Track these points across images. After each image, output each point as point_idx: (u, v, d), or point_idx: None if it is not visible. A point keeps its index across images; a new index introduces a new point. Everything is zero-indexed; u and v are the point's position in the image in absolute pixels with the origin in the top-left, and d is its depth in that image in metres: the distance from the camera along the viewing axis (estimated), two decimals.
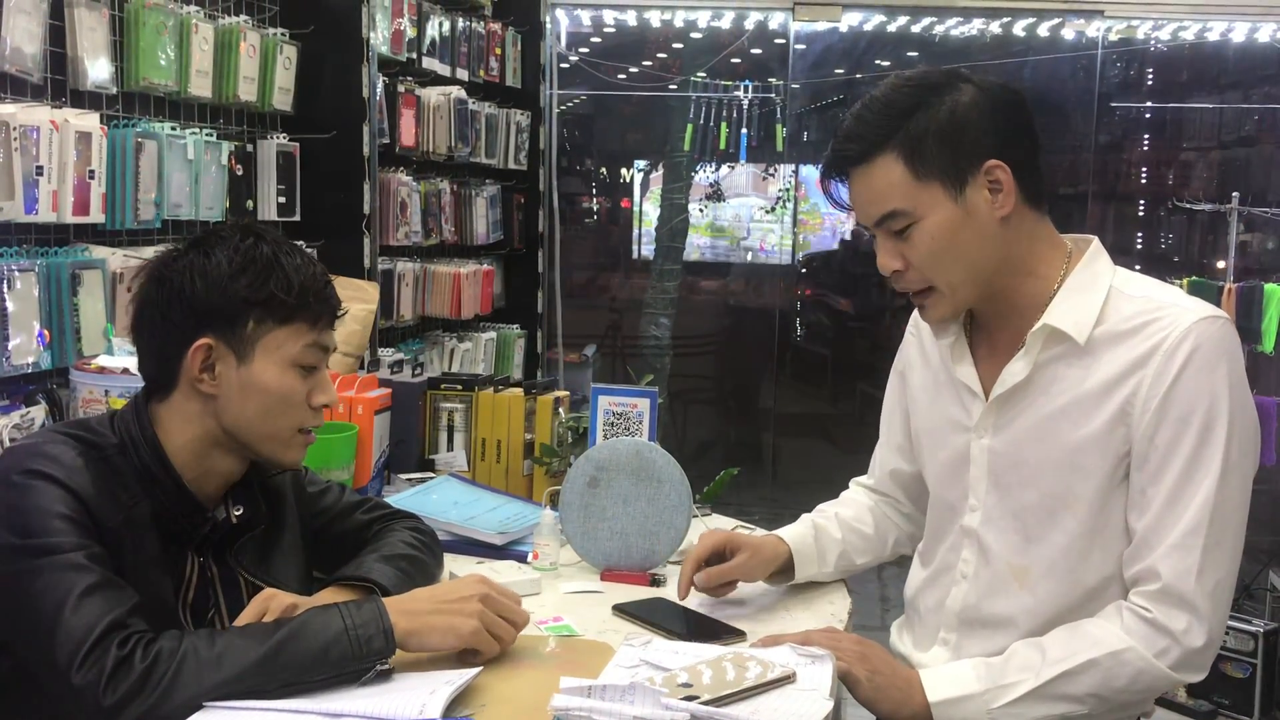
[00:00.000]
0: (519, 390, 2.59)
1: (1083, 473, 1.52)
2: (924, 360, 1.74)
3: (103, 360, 2.25)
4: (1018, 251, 1.55)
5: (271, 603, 1.45)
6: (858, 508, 1.87)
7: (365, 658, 1.38)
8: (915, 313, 1.76)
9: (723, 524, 2.25)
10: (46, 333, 2.31)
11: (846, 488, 1.98)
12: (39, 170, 2.27)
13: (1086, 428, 1.51)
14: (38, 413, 2.26)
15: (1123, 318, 1.51)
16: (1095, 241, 1.59)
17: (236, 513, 1.57)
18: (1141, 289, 1.54)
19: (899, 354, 1.83)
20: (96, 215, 2.45)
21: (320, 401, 1.56)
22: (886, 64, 6.07)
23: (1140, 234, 6.16)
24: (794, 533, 1.85)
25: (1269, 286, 4.37)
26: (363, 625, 1.39)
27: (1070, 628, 1.52)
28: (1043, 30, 5.11)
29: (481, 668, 1.44)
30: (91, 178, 2.42)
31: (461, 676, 1.39)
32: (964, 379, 1.63)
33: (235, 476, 1.57)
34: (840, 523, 1.84)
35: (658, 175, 6.74)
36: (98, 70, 2.48)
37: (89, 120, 2.43)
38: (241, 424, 1.51)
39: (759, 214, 7.29)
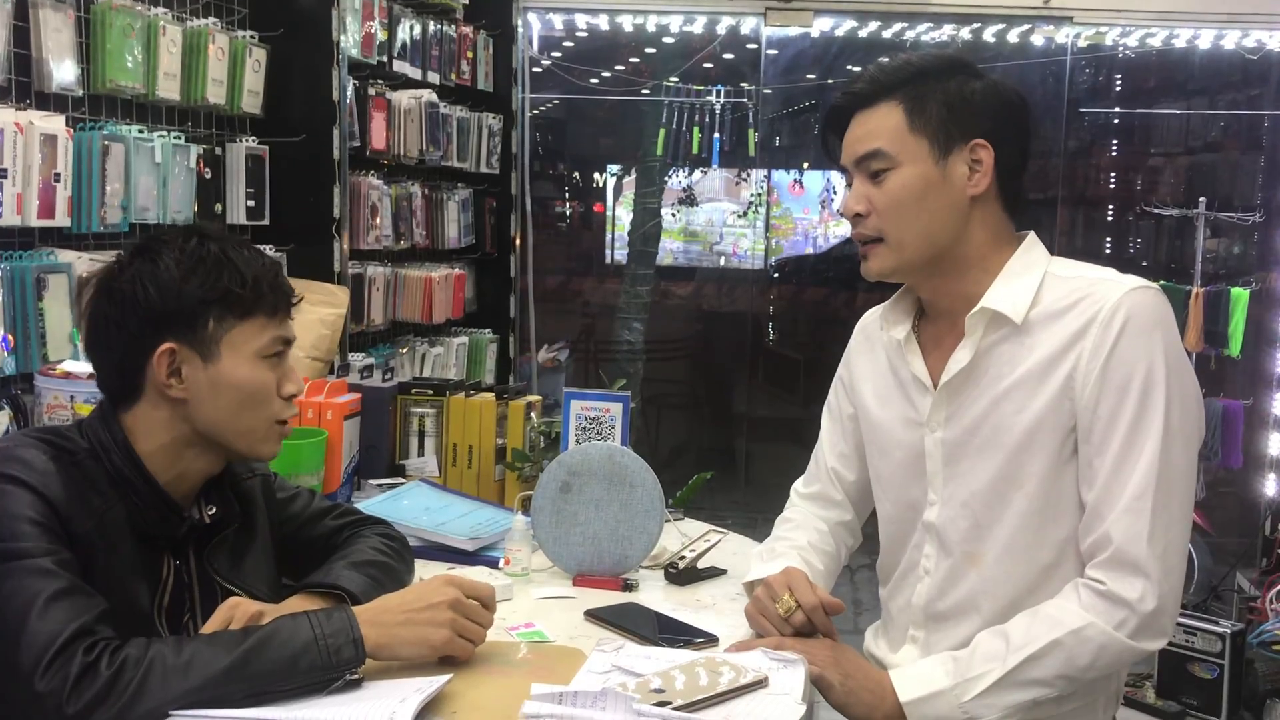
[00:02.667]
0: (490, 395, 2.58)
1: (1032, 451, 1.54)
2: (873, 364, 1.75)
3: (68, 365, 2.22)
4: (976, 240, 1.59)
5: (236, 611, 1.43)
6: (818, 533, 1.85)
7: (334, 668, 1.37)
8: (861, 321, 1.82)
9: (695, 529, 2.25)
10: (11, 337, 2.28)
11: None
12: (3, 173, 2.24)
13: (1032, 407, 1.54)
14: (1, 419, 2.23)
15: (1057, 297, 1.55)
16: (1031, 234, 1.64)
17: (210, 512, 1.57)
18: (1074, 270, 1.59)
19: (844, 362, 1.84)
20: (62, 219, 2.42)
21: (289, 391, 1.56)
22: (858, 69, 6.09)
23: (1109, 238, 6.22)
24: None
25: (1235, 290, 4.42)
26: (333, 635, 1.38)
27: (1031, 612, 1.53)
28: (1013, 36, 5.14)
29: (452, 675, 1.43)
30: (57, 181, 2.39)
31: (432, 684, 1.38)
32: (915, 372, 1.65)
33: (212, 473, 1.56)
34: (815, 551, 1.83)
35: (630, 180, 6.75)
36: (63, 72, 2.45)
37: (54, 122, 2.40)
38: (217, 423, 1.50)
39: (731, 219, 7.31)
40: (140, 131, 2.70)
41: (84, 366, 2.19)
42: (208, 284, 1.47)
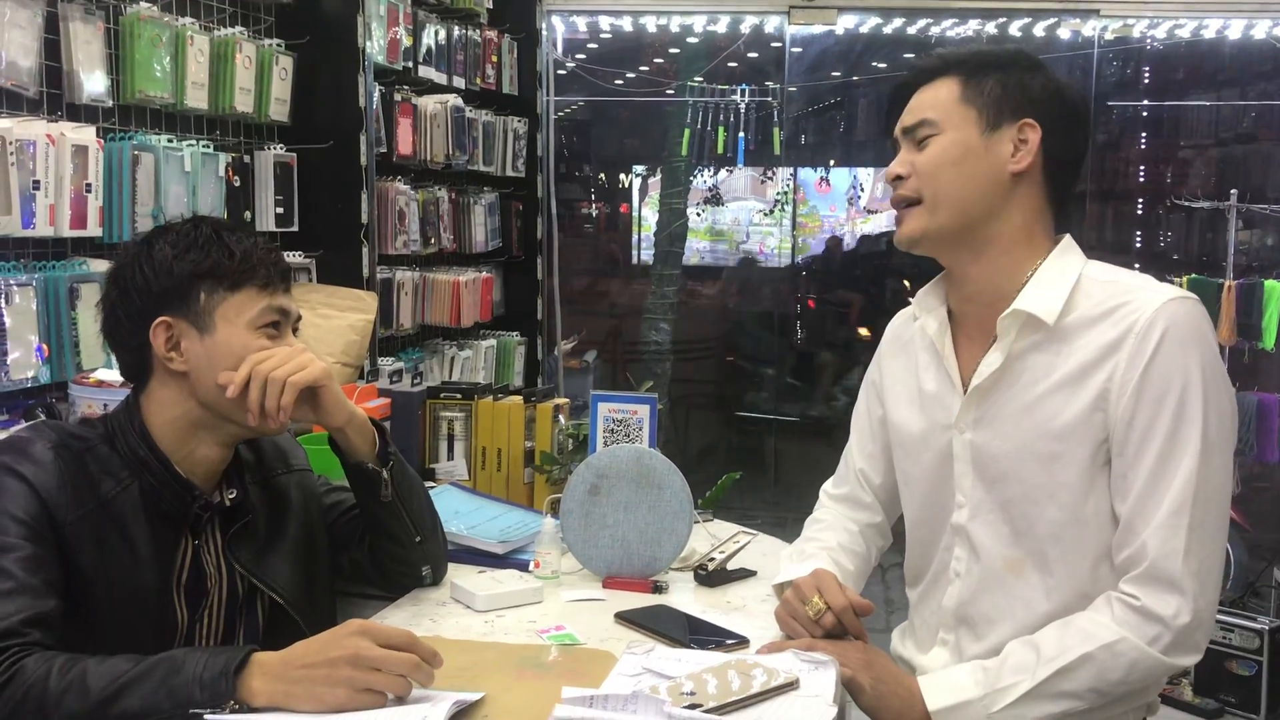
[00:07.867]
0: (519, 398, 2.58)
1: (1062, 461, 1.53)
2: (903, 366, 1.74)
3: (101, 374, 2.25)
4: (1012, 221, 1.58)
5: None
6: (848, 534, 1.84)
7: (202, 704, 1.29)
8: (891, 323, 1.82)
9: (725, 529, 2.25)
10: (45, 347, 2.30)
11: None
12: (36, 184, 2.27)
13: (1064, 415, 1.52)
14: None
15: (1093, 303, 1.54)
16: (1067, 237, 1.63)
17: (230, 495, 1.62)
18: (1110, 275, 1.57)
19: (874, 364, 1.83)
20: (94, 229, 2.45)
21: None
22: (882, 66, 6.08)
23: (1139, 232, 6.17)
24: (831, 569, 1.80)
25: (1269, 283, 4.36)
26: (210, 680, 1.30)
27: (1062, 623, 1.52)
28: (1039, 30, 5.10)
29: (484, 694, 1.40)
30: (88, 191, 2.42)
31: (467, 698, 1.38)
32: (947, 369, 1.64)
33: (220, 462, 1.61)
34: (845, 552, 1.82)
35: (656, 180, 6.75)
36: (93, 83, 2.48)
37: (85, 133, 2.43)
38: (216, 394, 1.54)
39: (757, 217, 7.30)
40: (170, 141, 2.72)
41: (117, 375, 2.21)
42: (198, 260, 1.54)
